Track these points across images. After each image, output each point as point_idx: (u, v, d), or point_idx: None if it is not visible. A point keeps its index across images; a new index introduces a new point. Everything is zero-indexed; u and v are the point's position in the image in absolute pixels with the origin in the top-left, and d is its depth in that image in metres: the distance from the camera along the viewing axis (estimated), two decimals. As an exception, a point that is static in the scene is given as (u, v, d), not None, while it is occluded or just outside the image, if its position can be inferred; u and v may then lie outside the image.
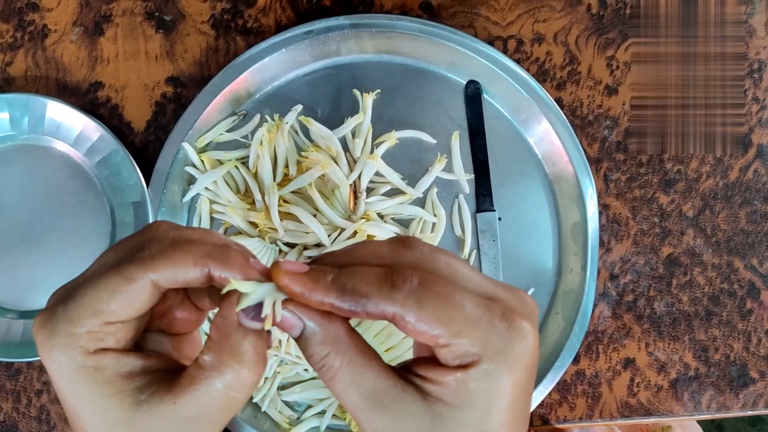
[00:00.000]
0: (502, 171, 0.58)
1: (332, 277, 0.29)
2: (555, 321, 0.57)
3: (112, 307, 0.29)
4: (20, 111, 0.56)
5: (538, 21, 0.59)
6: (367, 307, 0.28)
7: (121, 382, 0.30)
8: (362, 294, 0.28)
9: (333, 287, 0.29)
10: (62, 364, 0.29)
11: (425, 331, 0.28)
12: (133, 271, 0.29)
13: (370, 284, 0.29)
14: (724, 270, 0.59)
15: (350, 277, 0.29)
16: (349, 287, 0.29)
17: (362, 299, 0.28)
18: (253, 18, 0.58)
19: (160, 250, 0.30)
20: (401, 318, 0.28)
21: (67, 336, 0.29)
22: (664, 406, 0.58)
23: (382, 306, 0.28)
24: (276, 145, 0.56)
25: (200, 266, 0.29)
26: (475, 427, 0.29)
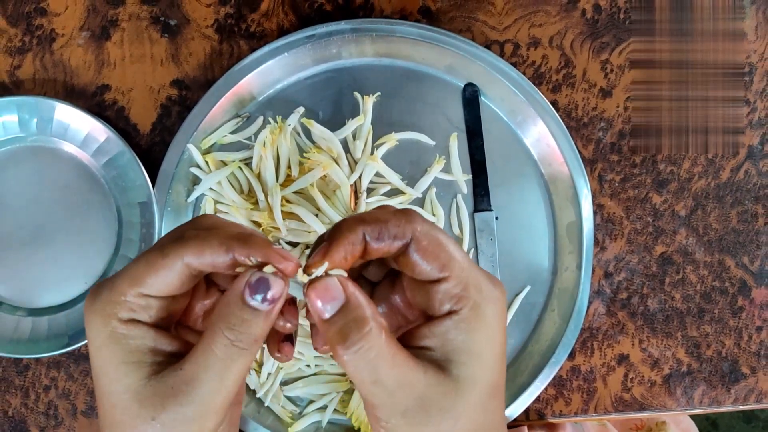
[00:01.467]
0: (499, 172, 0.59)
1: (355, 218, 0.32)
2: (551, 318, 0.58)
3: (148, 279, 0.31)
4: (29, 113, 0.57)
5: (534, 25, 0.60)
6: (390, 230, 0.31)
7: (144, 354, 0.32)
8: (384, 220, 0.32)
9: (358, 223, 0.32)
10: (98, 326, 0.32)
11: (437, 255, 0.31)
12: (169, 249, 0.32)
13: (388, 213, 0.32)
14: (715, 268, 0.60)
15: (368, 213, 0.32)
16: (372, 218, 0.32)
17: (386, 225, 0.31)
18: (256, 22, 0.60)
19: (195, 234, 0.32)
20: (418, 243, 0.31)
21: (107, 303, 0.32)
22: (657, 401, 0.59)
23: (404, 231, 0.31)
24: (279, 146, 0.57)
25: (225, 247, 0.31)
26: (482, 379, 0.31)
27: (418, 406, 0.30)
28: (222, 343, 0.30)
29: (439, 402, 0.31)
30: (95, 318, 0.32)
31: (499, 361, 0.33)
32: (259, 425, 0.56)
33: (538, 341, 0.59)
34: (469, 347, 0.31)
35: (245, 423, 0.56)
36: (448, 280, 0.31)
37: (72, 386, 0.58)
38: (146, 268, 0.32)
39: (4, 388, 0.58)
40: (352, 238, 0.31)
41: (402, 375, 0.30)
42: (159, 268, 0.31)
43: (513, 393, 0.57)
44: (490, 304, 0.32)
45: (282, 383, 0.57)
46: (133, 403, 0.31)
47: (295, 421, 0.57)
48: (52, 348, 0.56)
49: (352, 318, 0.30)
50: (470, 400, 0.31)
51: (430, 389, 0.30)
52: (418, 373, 0.31)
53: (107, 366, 0.32)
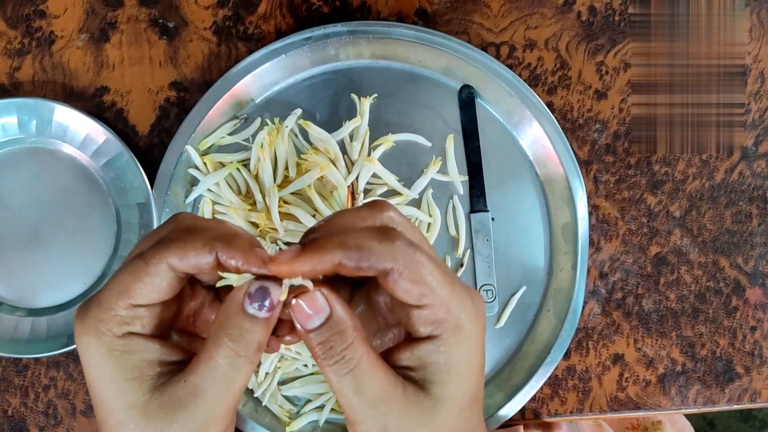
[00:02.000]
0: (495, 173, 0.60)
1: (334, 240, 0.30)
2: (546, 318, 0.59)
3: (135, 288, 0.31)
4: (28, 115, 0.58)
5: (529, 28, 0.61)
6: (370, 260, 0.30)
7: (144, 367, 0.31)
8: (365, 249, 0.30)
9: (337, 247, 0.30)
10: (92, 346, 0.31)
11: (416, 286, 0.30)
12: (151, 254, 0.31)
13: (371, 239, 0.30)
14: (710, 268, 0.61)
15: (349, 236, 0.31)
16: (352, 244, 0.30)
17: (366, 253, 0.30)
18: (254, 24, 0.60)
19: (176, 236, 0.32)
20: (398, 272, 0.30)
21: (97, 320, 0.31)
22: (652, 401, 0.60)
23: (384, 260, 0.30)
24: (276, 147, 0.57)
25: (208, 248, 0.31)
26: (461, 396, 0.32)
27: (398, 423, 0.31)
28: (225, 353, 0.31)
29: (419, 418, 0.31)
30: (88, 339, 0.31)
31: (477, 374, 0.33)
32: (256, 424, 0.56)
33: (533, 341, 0.59)
34: (449, 368, 0.31)
35: (243, 422, 0.56)
36: (428, 307, 0.31)
37: (71, 386, 0.59)
38: (131, 277, 0.31)
39: (3, 388, 0.59)
40: (326, 258, 0.30)
41: (382, 387, 0.31)
42: (144, 275, 0.31)
43: (509, 392, 0.58)
44: (471, 324, 0.32)
45: (280, 383, 0.58)
46: (140, 419, 0.31)
47: (292, 420, 0.57)
48: (51, 348, 0.57)
49: (336, 331, 0.30)
50: (449, 415, 0.31)
51: (410, 407, 0.31)
52: (397, 389, 0.31)
53: (108, 385, 0.31)
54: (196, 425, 0.31)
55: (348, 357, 0.30)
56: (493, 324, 0.59)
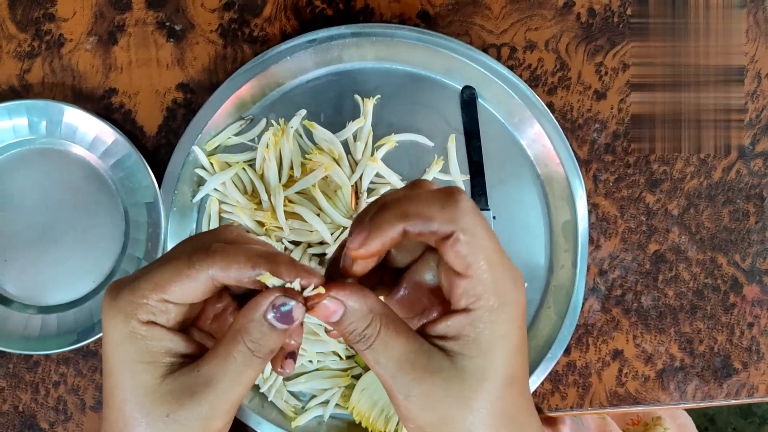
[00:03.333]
0: (497, 172, 0.61)
1: (396, 210, 0.32)
2: (547, 315, 0.60)
3: (172, 287, 0.33)
4: (38, 116, 0.59)
5: (530, 29, 0.62)
6: (432, 226, 0.32)
7: (160, 354, 0.33)
8: (427, 216, 0.32)
9: (399, 219, 0.32)
10: (117, 324, 0.33)
11: (469, 254, 0.32)
12: (198, 260, 0.33)
13: (433, 205, 0.32)
14: (708, 266, 0.62)
15: (413, 203, 0.32)
16: (413, 212, 0.32)
17: (428, 221, 0.32)
18: (259, 27, 0.61)
19: (221, 248, 0.33)
20: (458, 238, 0.31)
21: (128, 303, 0.33)
22: (651, 396, 0.61)
23: (446, 225, 0.31)
24: (281, 148, 0.59)
25: (252, 264, 0.33)
26: (492, 373, 0.32)
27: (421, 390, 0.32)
28: (242, 350, 0.32)
29: (444, 387, 0.32)
30: (116, 315, 0.33)
31: (512, 355, 0.33)
32: (262, 419, 0.57)
33: (534, 337, 0.60)
34: (479, 343, 0.32)
35: (249, 417, 0.57)
36: (470, 279, 0.32)
37: (81, 382, 0.60)
38: (172, 276, 0.33)
39: (14, 384, 0.60)
40: (392, 232, 0.32)
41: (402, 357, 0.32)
42: (185, 278, 0.33)
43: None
44: (507, 308, 0.33)
45: (285, 378, 0.59)
46: (147, 400, 0.32)
47: (297, 416, 0.58)
48: (62, 344, 0.58)
49: (353, 319, 0.33)
50: (477, 390, 0.32)
51: (433, 375, 0.32)
52: (420, 357, 0.32)
53: (123, 363, 0.33)
54: (201, 414, 0.32)
55: (367, 335, 0.33)
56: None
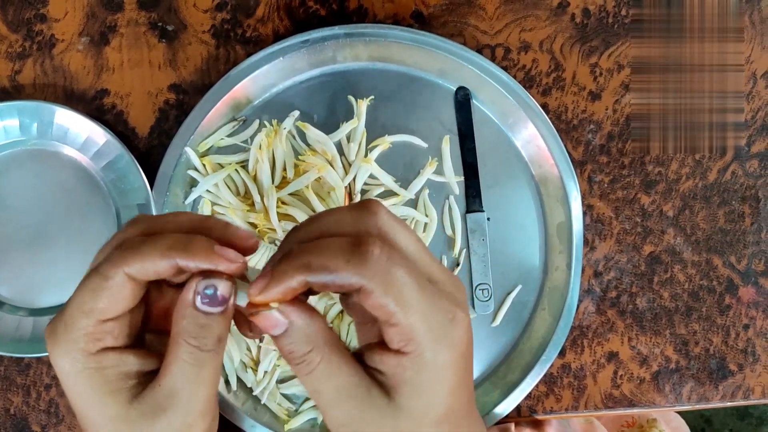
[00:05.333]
0: (491, 173, 0.60)
1: (299, 260, 0.30)
2: (541, 317, 0.60)
3: (99, 305, 0.31)
4: (29, 117, 0.58)
5: (524, 30, 0.61)
6: (336, 280, 0.30)
7: (120, 380, 0.32)
8: (331, 269, 0.30)
9: (301, 271, 0.30)
10: (66, 367, 0.31)
11: (385, 305, 0.30)
12: (107, 268, 0.31)
13: (338, 257, 0.30)
14: (703, 267, 0.61)
15: (316, 254, 0.30)
16: (317, 264, 0.30)
17: (332, 274, 0.30)
18: (252, 28, 0.61)
19: (132, 245, 0.31)
20: (368, 291, 0.30)
21: (67, 342, 0.31)
22: (646, 398, 0.61)
23: (352, 279, 0.30)
24: (274, 149, 0.58)
25: (166, 258, 0.31)
26: (426, 412, 0.31)
27: (356, 423, 0.31)
28: (188, 351, 0.31)
29: (378, 421, 0.31)
30: (63, 358, 0.31)
31: (450, 395, 0.32)
32: (255, 422, 0.57)
33: (529, 339, 0.60)
34: (413, 385, 0.31)
35: (242, 420, 0.57)
36: (394, 327, 0.30)
37: (72, 385, 0.60)
38: (92, 296, 0.31)
39: (5, 387, 0.60)
40: (292, 283, 0.30)
41: (342, 388, 0.31)
42: (103, 291, 0.31)
43: (504, 390, 0.58)
44: (441, 353, 0.31)
45: (278, 381, 0.59)
46: (120, 428, 0.32)
47: (291, 419, 0.58)
48: (53, 347, 0.57)
49: (295, 339, 0.31)
50: (411, 427, 0.31)
51: (371, 410, 0.31)
52: (360, 389, 0.31)
53: (87, 400, 0.32)
54: (176, 428, 0.32)
55: (308, 361, 0.31)
56: (488, 322, 0.60)
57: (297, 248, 0.31)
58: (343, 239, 0.31)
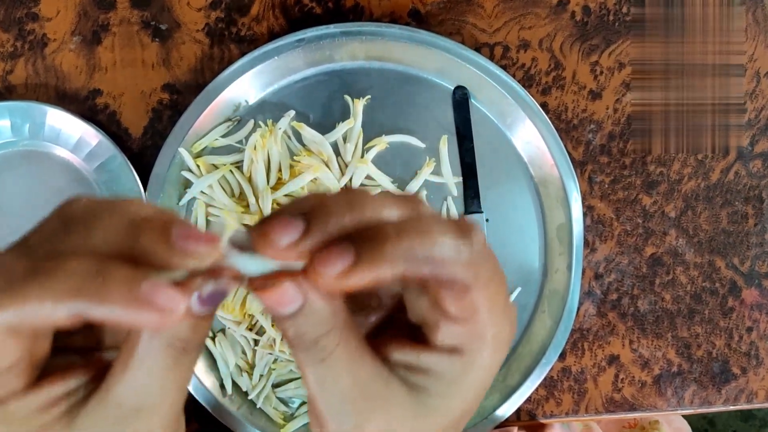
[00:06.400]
0: (490, 174, 0.59)
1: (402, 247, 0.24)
2: (541, 319, 0.59)
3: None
4: (21, 118, 0.57)
5: (523, 28, 0.60)
6: (443, 274, 0.24)
7: (42, 414, 0.25)
8: (438, 262, 0.24)
9: (405, 257, 0.24)
10: None
11: (478, 306, 0.25)
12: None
13: (445, 246, 0.24)
14: (706, 269, 0.60)
15: (419, 239, 0.24)
16: (422, 253, 0.24)
17: (439, 268, 0.24)
18: (247, 26, 0.60)
19: (9, 283, 0.23)
20: (466, 288, 0.25)
21: None
22: (648, 402, 0.60)
23: (462, 274, 0.25)
24: (269, 149, 0.57)
25: (66, 308, 0.22)
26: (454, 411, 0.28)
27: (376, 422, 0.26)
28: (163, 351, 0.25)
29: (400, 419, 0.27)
30: None
31: (478, 397, 0.28)
32: (251, 427, 0.56)
33: (528, 342, 0.59)
34: (455, 385, 0.27)
35: (238, 424, 0.56)
36: (468, 326, 0.26)
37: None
38: None
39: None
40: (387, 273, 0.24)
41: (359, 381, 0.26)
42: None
43: (504, 393, 0.57)
44: (497, 352, 0.27)
45: (274, 385, 0.58)
46: None
47: (287, 423, 0.57)
48: (46, 351, 0.57)
49: (311, 320, 0.25)
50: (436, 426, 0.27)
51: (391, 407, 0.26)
52: (377, 384, 0.26)
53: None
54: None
55: (322, 344, 0.25)
56: (487, 325, 0.59)
57: (393, 231, 0.24)
58: (448, 225, 0.25)
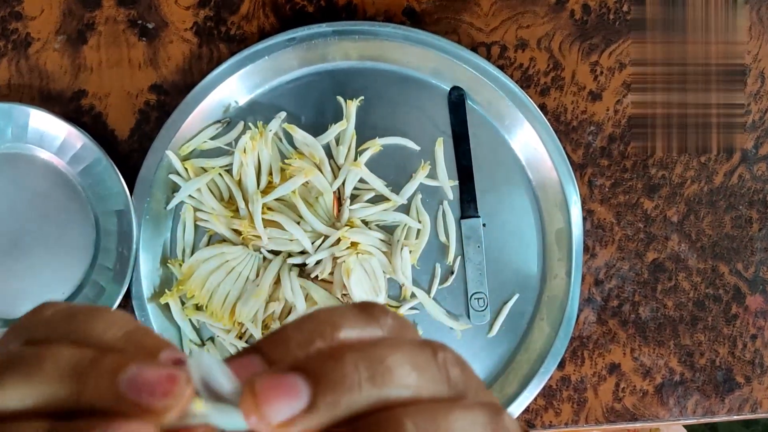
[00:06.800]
0: (486, 177, 0.58)
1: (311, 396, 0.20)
2: (540, 327, 0.57)
3: None
4: (3, 120, 0.56)
5: (521, 27, 0.59)
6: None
7: None
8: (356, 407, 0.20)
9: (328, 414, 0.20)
10: None
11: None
12: None
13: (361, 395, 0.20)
14: (709, 275, 0.59)
15: (334, 393, 0.20)
16: (344, 406, 0.20)
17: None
18: (236, 25, 0.58)
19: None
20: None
21: None
22: (649, 411, 0.58)
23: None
24: (260, 152, 0.56)
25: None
26: None
27: None
28: None
29: None
30: None
31: None
32: None
33: (527, 350, 0.57)
34: None
35: None
36: None
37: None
38: None
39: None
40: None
41: None
42: None
43: (502, 403, 0.56)
44: None
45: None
46: None
47: None
48: (29, 360, 0.55)
49: None
50: None
51: None
52: None
53: None
54: None
55: None
56: (484, 333, 0.57)
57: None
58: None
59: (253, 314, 0.55)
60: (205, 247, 0.56)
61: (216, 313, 0.55)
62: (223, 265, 0.55)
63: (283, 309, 0.56)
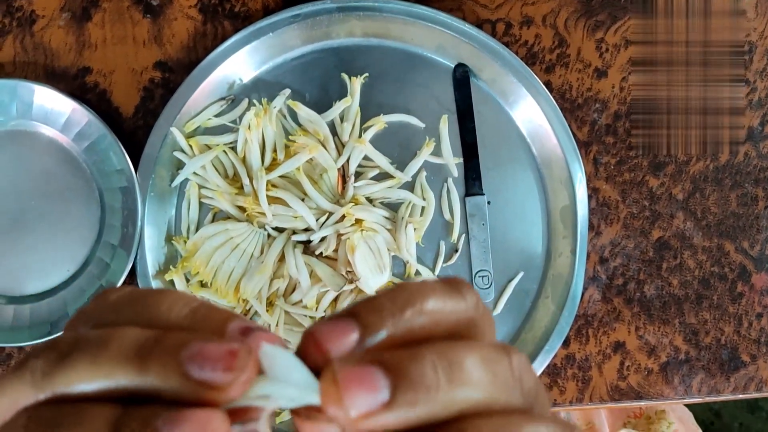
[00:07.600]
0: (491, 155, 0.57)
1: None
2: (545, 305, 0.57)
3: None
4: (8, 97, 0.56)
5: (526, 4, 0.58)
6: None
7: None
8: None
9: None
10: None
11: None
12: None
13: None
14: (714, 253, 0.58)
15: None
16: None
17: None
18: (241, 2, 0.58)
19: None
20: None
21: None
22: (654, 390, 0.58)
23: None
24: (264, 129, 0.56)
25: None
26: None
27: None
28: None
29: None
30: None
31: None
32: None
33: (531, 329, 0.57)
34: None
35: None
36: None
37: (55, 375, 0.57)
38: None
39: (-14, 378, 0.57)
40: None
41: None
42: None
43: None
44: None
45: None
46: None
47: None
48: (35, 336, 0.55)
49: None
50: None
51: None
52: None
53: None
54: None
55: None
56: (489, 311, 0.57)
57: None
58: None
59: (258, 291, 0.55)
60: (210, 224, 0.56)
61: (221, 290, 0.55)
62: (227, 242, 0.55)
63: (287, 286, 0.56)
